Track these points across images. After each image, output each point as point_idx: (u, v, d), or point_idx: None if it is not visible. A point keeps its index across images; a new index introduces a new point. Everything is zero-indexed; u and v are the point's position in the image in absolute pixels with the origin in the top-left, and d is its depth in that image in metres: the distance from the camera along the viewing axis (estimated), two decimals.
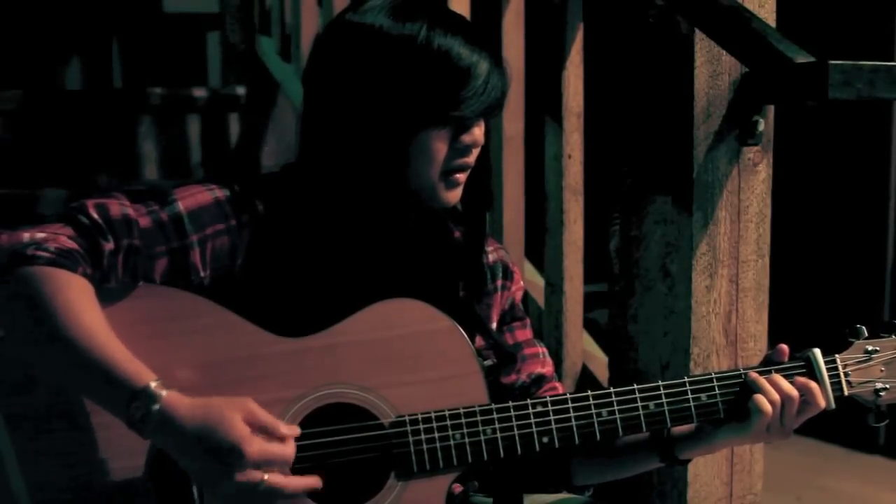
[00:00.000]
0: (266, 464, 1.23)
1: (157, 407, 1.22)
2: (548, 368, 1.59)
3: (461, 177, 1.42)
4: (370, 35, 1.37)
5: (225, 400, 1.24)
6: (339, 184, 1.42)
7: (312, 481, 1.28)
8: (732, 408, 1.40)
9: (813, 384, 1.40)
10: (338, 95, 1.39)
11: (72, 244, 1.28)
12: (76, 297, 1.26)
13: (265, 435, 1.23)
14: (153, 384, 1.23)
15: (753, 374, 1.41)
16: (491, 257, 1.56)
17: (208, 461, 1.22)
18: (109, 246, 1.31)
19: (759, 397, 1.38)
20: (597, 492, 1.59)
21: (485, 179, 1.52)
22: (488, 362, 1.48)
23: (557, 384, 1.58)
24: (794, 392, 1.40)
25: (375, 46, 1.36)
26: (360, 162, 1.39)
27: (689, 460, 1.51)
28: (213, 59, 3.97)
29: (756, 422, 1.38)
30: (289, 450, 1.25)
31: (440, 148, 1.38)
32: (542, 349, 1.59)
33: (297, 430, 1.28)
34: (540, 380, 1.57)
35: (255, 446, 1.22)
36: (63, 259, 1.26)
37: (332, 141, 1.40)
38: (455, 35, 1.36)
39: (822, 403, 1.41)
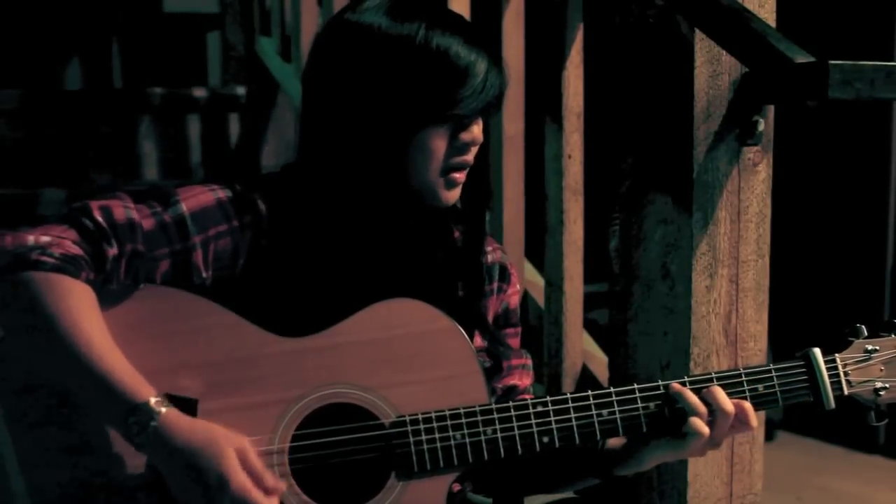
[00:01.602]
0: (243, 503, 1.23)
1: (154, 424, 1.23)
2: (524, 381, 1.58)
3: (460, 176, 1.42)
4: (368, 35, 1.37)
5: (224, 431, 1.26)
6: (338, 183, 1.41)
7: None
8: (665, 422, 1.39)
9: (746, 405, 1.39)
10: (336, 95, 1.39)
11: (76, 249, 1.28)
12: (79, 304, 1.26)
13: (252, 478, 1.25)
14: (153, 400, 1.24)
15: (677, 386, 1.39)
16: (489, 258, 1.56)
17: (193, 484, 1.23)
18: (113, 251, 1.31)
19: (695, 420, 1.37)
20: (597, 492, 1.59)
21: (483, 178, 1.52)
22: (485, 364, 1.48)
23: (527, 396, 1.57)
24: (731, 408, 1.38)
25: (373, 46, 1.36)
26: (359, 161, 1.39)
27: (624, 476, 1.49)
28: (213, 59, 3.97)
29: (692, 443, 1.37)
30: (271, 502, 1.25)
31: (439, 146, 1.38)
32: (527, 360, 1.59)
33: (282, 487, 1.28)
34: (511, 391, 1.56)
35: (240, 480, 1.23)
36: (67, 265, 1.26)
37: (331, 140, 1.40)
38: (453, 35, 1.36)
39: (755, 423, 1.40)
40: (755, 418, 1.40)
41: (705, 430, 1.37)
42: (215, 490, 1.23)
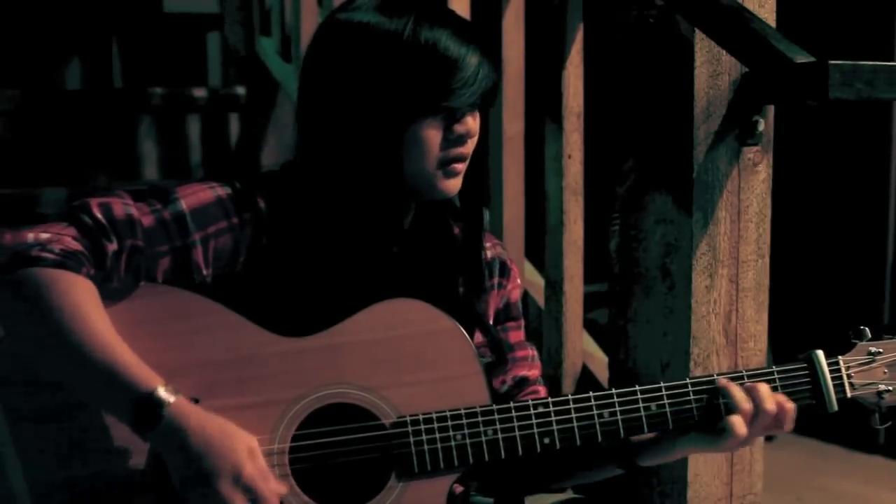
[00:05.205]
0: (252, 495, 1.24)
1: (165, 412, 1.23)
2: (533, 371, 1.58)
3: (459, 167, 1.42)
4: (359, 32, 1.38)
5: (236, 428, 1.26)
6: (336, 180, 1.42)
7: None
8: (703, 418, 1.39)
9: (790, 406, 1.39)
10: (331, 92, 1.40)
11: (76, 245, 1.28)
12: (81, 299, 1.26)
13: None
14: (162, 389, 1.24)
15: (724, 381, 1.39)
16: (489, 254, 1.56)
17: (200, 473, 1.23)
18: (113, 247, 1.31)
19: (737, 419, 1.36)
20: (597, 492, 1.59)
21: (481, 175, 1.52)
22: (486, 360, 1.48)
23: (540, 388, 1.58)
24: (773, 407, 1.37)
25: (364, 43, 1.37)
26: (355, 156, 1.39)
27: (648, 467, 1.49)
28: (213, 59, 3.97)
29: (728, 440, 1.37)
30: (273, 500, 1.26)
31: (433, 138, 1.38)
32: (532, 352, 1.59)
33: (285, 489, 1.29)
34: (522, 382, 1.56)
35: (251, 470, 1.24)
36: (68, 260, 1.26)
37: (328, 137, 1.41)
38: (442, 27, 1.37)
39: (790, 428, 1.39)
40: (792, 422, 1.39)
41: (744, 430, 1.36)
42: (227, 479, 1.23)
